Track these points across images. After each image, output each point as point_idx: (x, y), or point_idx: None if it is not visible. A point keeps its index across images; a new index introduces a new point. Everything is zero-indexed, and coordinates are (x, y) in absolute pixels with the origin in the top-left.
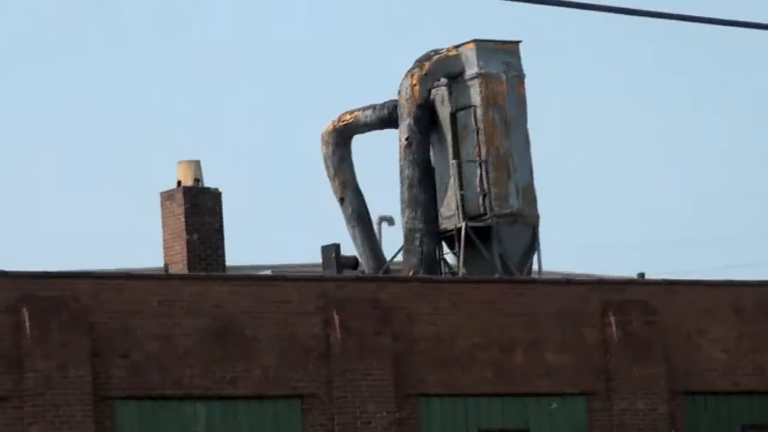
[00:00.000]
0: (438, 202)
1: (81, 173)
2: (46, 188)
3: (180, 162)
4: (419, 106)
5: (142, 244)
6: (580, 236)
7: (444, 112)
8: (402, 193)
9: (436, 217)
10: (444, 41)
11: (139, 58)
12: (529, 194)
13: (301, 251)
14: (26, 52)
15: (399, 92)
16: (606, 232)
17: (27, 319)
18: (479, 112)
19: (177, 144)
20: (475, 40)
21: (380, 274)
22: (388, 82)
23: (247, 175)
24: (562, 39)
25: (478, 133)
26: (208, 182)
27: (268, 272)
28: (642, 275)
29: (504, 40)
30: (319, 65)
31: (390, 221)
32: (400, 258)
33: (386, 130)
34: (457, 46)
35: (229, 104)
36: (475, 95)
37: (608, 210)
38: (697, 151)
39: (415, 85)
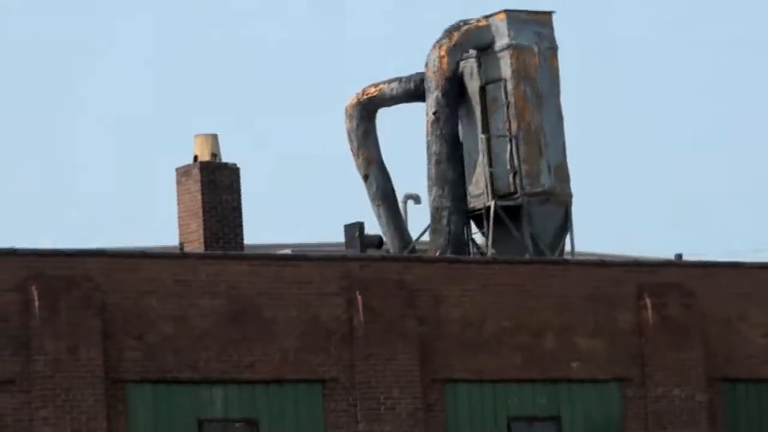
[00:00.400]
0: (466, 180)
1: (93, 147)
2: (56, 164)
3: (196, 136)
4: (447, 79)
5: (156, 222)
6: (615, 216)
7: (473, 85)
8: (429, 169)
9: (465, 195)
10: (473, 11)
11: (155, 24)
12: (561, 172)
13: (323, 230)
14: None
15: (426, 64)
16: (642, 212)
17: (36, 299)
18: (510, 85)
19: (193, 117)
20: (505, 10)
21: (406, 254)
22: (414, 53)
23: (267, 149)
24: (597, 8)
25: (508, 107)
26: (225, 157)
27: (288, 251)
28: (679, 257)
29: (536, 10)
30: (344, 36)
31: (416, 199)
32: (426, 238)
33: (412, 104)
34: (487, 17)
35: (249, 75)
36: (506, 67)
37: (645, 188)
38: (743, 125)
39: (443, 56)
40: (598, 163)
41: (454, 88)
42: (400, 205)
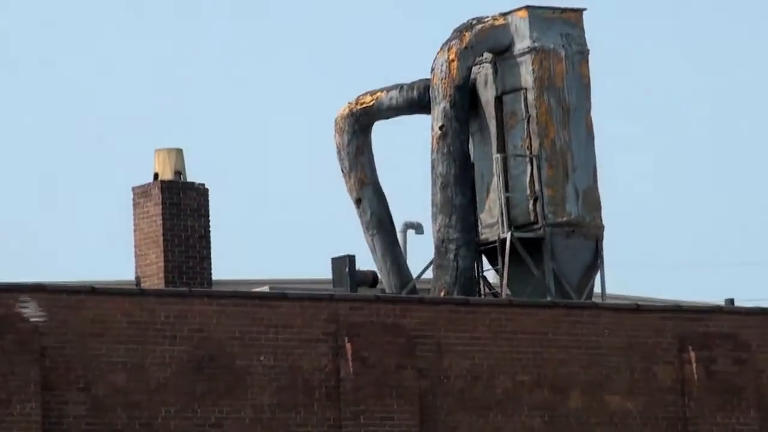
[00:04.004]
0: (478, 207)
1: (32, 160)
2: None
3: (158, 150)
4: (457, 87)
5: (108, 252)
6: (653, 253)
7: (487, 95)
8: (434, 194)
9: (476, 225)
10: (489, 7)
11: (115, 21)
12: (591, 199)
13: (307, 264)
14: None
15: (432, 69)
16: (687, 248)
17: None
18: (531, 95)
19: (155, 128)
20: (527, 7)
21: (404, 295)
22: (419, 56)
23: (241, 167)
24: (636, 4)
25: (529, 121)
26: (192, 176)
27: (264, 289)
28: (731, 302)
29: (563, 7)
30: (334, 34)
31: (418, 228)
32: (429, 275)
33: (415, 116)
34: (505, 14)
35: (220, 80)
36: (527, 75)
37: (690, 220)
38: None
39: (452, 61)
40: (635, 190)
41: (465, 99)
42: (399, 235)
